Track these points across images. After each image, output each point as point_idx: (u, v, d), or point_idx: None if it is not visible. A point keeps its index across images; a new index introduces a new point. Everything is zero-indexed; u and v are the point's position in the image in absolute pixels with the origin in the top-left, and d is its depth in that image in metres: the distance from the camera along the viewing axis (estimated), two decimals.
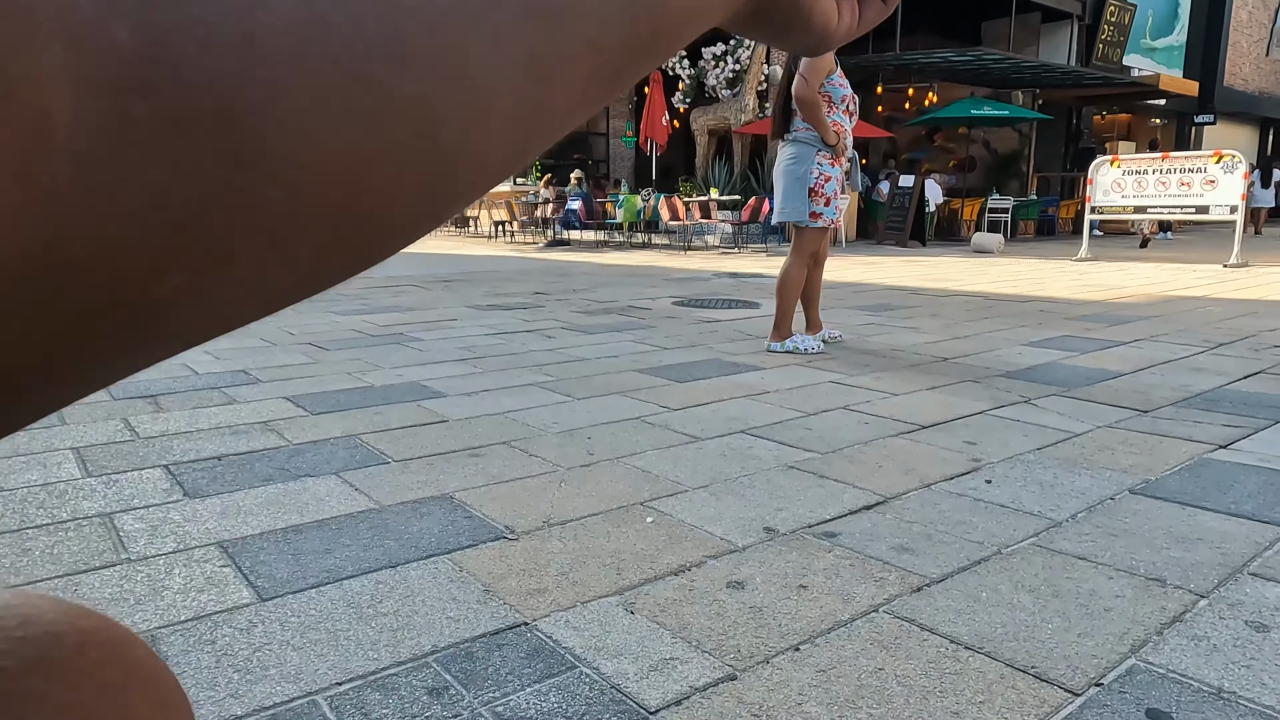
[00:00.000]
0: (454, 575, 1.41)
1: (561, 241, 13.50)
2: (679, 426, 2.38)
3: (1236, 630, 1.22)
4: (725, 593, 1.35)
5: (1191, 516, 1.68)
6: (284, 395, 2.74)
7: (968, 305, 5.32)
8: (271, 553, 1.49)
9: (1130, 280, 7.10)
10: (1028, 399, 2.71)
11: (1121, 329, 4.25)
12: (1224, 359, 3.40)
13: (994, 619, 1.26)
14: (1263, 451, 2.12)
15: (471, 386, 2.90)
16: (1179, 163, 8.74)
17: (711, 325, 4.44)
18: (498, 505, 1.74)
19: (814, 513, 1.70)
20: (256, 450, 2.12)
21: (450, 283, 6.95)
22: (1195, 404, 2.64)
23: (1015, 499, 1.78)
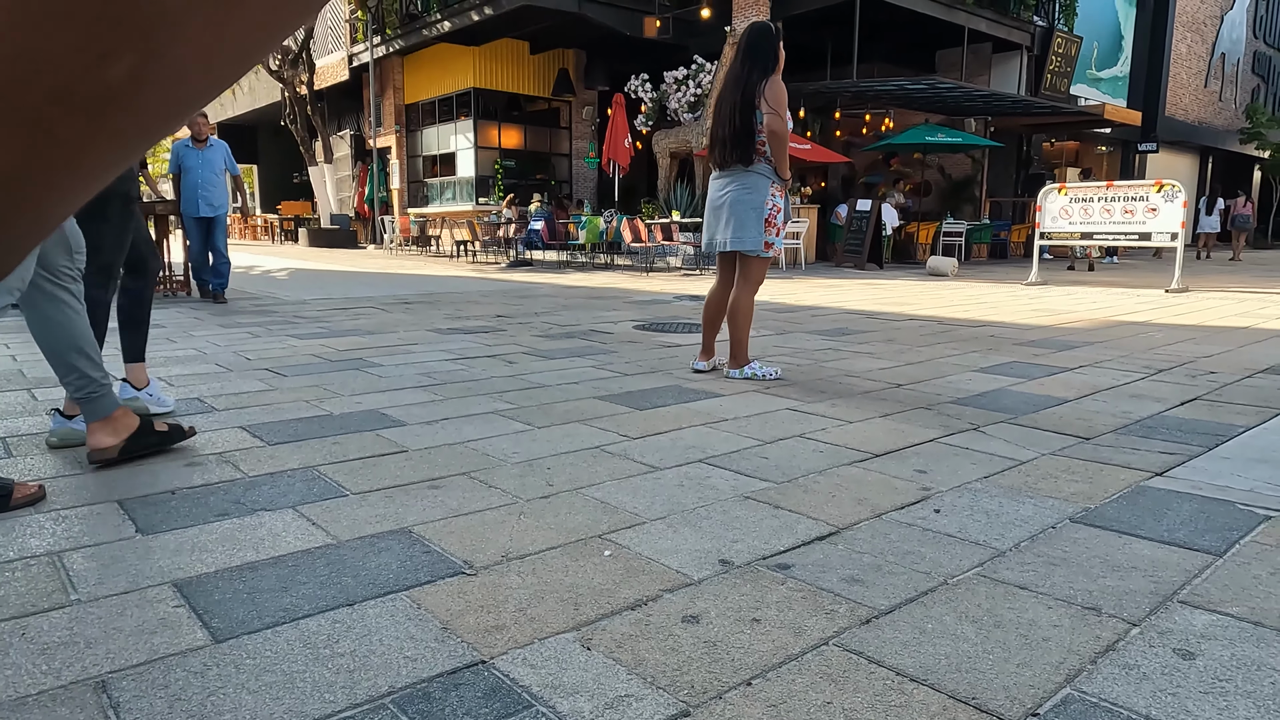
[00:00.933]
0: (412, 613, 1.41)
1: (524, 262, 13.49)
2: (638, 456, 2.40)
3: (1165, 658, 1.28)
4: (680, 627, 1.38)
5: (1127, 545, 1.75)
6: (240, 425, 2.72)
7: (922, 330, 5.45)
8: (227, 592, 1.48)
9: (1077, 305, 7.32)
10: (977, 426, 2.80)
11: (1068, 354, 4.39)
12: (1163, 385, 3.53)
13: (939, 650, 1.31)
14: (1195, 479, 2.21)
15: (432, 414, 2.90)
16: (1123, 191, 9.07)
17: (672, 350, 4.49)
18: (457, 539, 1.75)
19: (768, 544, 1.74)
20: (212, 484, 2.10)
21: (411, 304, 6.91)
22: (1135, 431, 2.75)
23: (962, 528, 1.84)
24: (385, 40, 18.03)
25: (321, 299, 7.42)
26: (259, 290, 8.27)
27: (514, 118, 18.50)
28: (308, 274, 10.90)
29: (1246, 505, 2.00)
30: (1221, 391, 3.39)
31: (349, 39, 19.87)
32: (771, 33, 3.56)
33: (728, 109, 3.52)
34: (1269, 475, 2.24)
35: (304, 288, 8.70)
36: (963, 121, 16.67)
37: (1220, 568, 1.63)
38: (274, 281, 9.60)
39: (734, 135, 3.51)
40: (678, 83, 13.99)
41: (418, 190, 20.04)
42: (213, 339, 4.76)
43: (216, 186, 6.99)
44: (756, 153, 3.52)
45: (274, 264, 12.87)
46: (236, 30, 0.14)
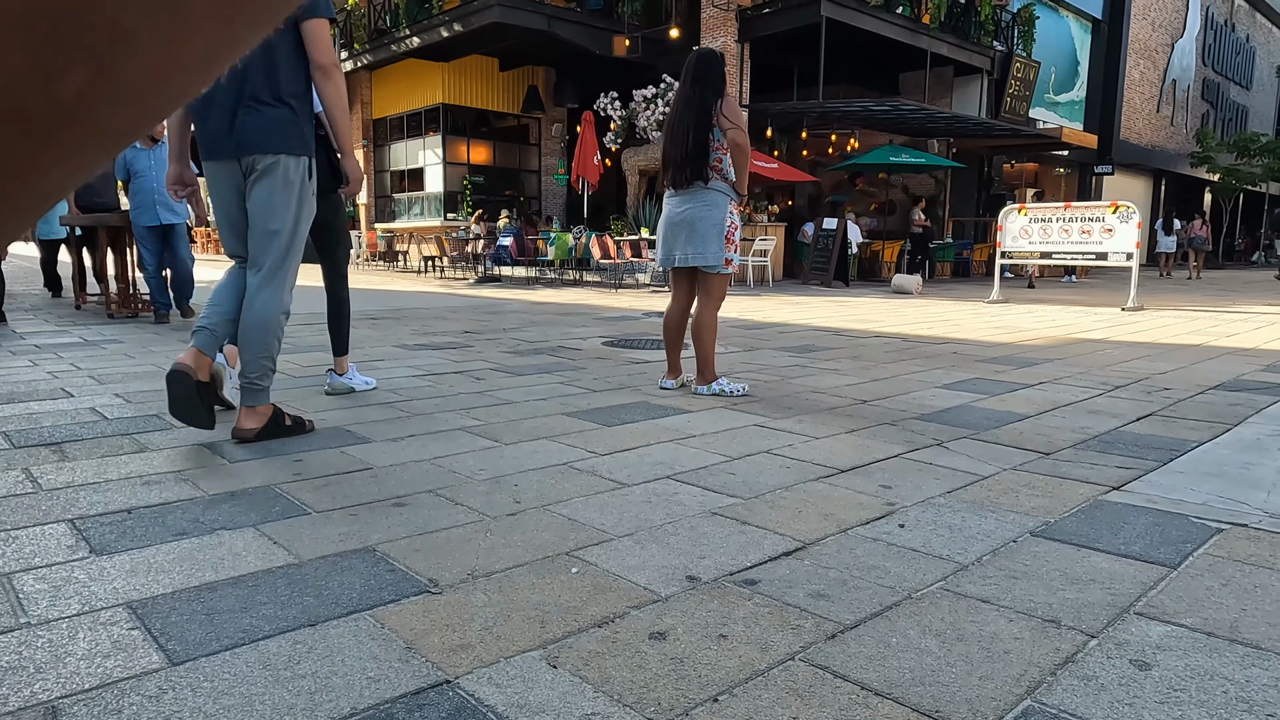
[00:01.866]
0: (375, 632, 1.39)
1: (492, 278, 13.45)
2: (606, 472, 2.40)
3: (1122, 669, 1.30)
4: (647, 644, 1.37)
5: (1086, 558, 1.78)
6: (200, 441, 2.66)
7: (887, 347, 5.52)
8: (184, 613, 1.45)
9: (1038, 323, 7.47)
10: (940, 442, 2.84)
11: (1028, 371, 4.47)
12: (1119, 401, 3.62)
13: (903, 664, 1.32)
14: (1151, 493, 2.26)
15: (398, 431, 2.87)
16: (1080, 212, 9.30)
17: (640, 366, 4.50)
18: (422, 558, 1.73)
19: (735, 560, 1.75)
20: (170, 502, 2.05)
21: (378, 320, 6.85)
22: (1093, 446, 2.81)
23: (926, 543, 1.86)
24: (353, 55, 17.95)
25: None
26: None
27: (483, 134, 18.50)
28: None
29: (1199, 518, 2.05)
30: (1176, 407, 3.48)
31: None
32: (718, 58, 3.63)
33: (682, 130, 3.56)
34: (1221, 489, 2.30)
35: None
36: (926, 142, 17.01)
37: (1175, 580, 1.66)
38: None
39: (689, 155, 3.54)
40: (646, 101, 14.10)
41: (385, 205, 19.91)
42: (173, 355, 4.67)
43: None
44: (713, 171, 3.56)
45: None
46: (192, 46, 0.14)
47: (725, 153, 3.56)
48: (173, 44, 0.13)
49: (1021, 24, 17.37)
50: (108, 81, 0.13)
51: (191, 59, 0.14)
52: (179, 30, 0.13)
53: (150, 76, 0.14)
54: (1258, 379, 4.24)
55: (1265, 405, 3.52)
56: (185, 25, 0.13)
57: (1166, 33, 24.17)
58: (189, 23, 0.13)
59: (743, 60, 13.89)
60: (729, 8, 13.70)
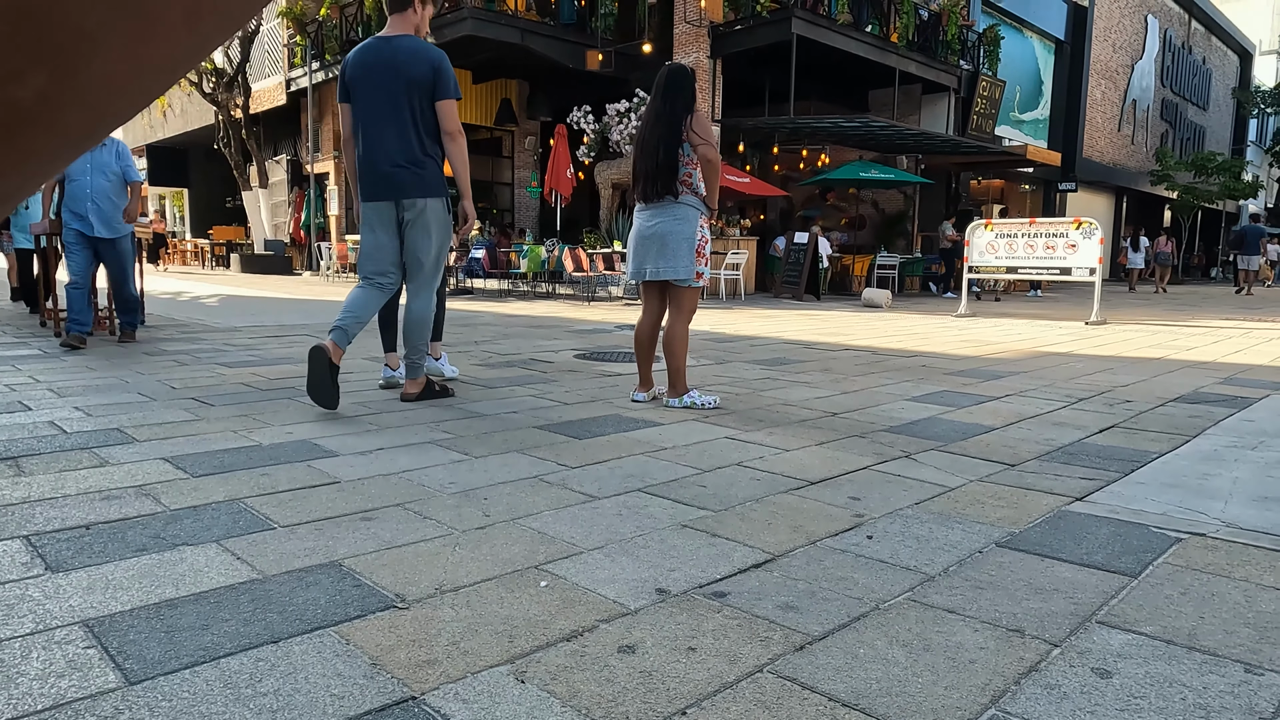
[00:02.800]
0: (340, 649, 1.37)
1: (465, 290, 13.39)
2: (576, 485, 2.39)
3: (1084, 677, 1.32)
4: (616, 657, 1.37)
5: (1050, 568, 1.81)
6: (162, 456, 2.62)
7: (857, 360, 5.58)
8: (142, 630, 1.42)
9: (1004, 336, 7.59)
10: (909, 454, 2.87)
11: (995, 384, 4.54)
12: (1083, 413, 3.68)
13: (870, 675, 1.33)
14: (1113, 503, 2.30)
15: (366, 445, 2.84)
16: (1044, 228, 9.49)
17: (612, 379, 4.50)
18: (389, 572, 1.71)
19: (705, 572, 1.75)
20: (129, 517, 2.01)
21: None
22: (1057, 457, 2.85)
23: (894, 554, 1.88)
24: (325, 66, 17.84)
25: (253, 326, 7.22)
26: (187, 317, 8.01)
27: None
28: (239, 300, 10.61)
29: (1160, 528, 2.09)
30: (1137, 419, 3.55)
31: (287, 64, 19.59)
32: (688, 73, 3.66)
33: (652, 144, 3.58)
34: (1180, 499, 2.35)
35: (235, 315, 8.46)
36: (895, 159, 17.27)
37: (1135, 588, 1.69)
38: (203, 308, 9.32)
39: (659, 169, 3.56)
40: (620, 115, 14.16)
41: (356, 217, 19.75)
42: (136, 367, 4.59)
43: (111, 197, 5.35)
44: (683, 185, 3.58)
45: (203, 290, 12.50)
46: (157, 49, 0.14)
47: (695, 167, 3.58)
48: (137, 47, 0.13)
49: (987, 44, 17.73)
50: (68, 84, 0.13)
51: (156, 61, 0.14)
52: (143, 33, 0.13)
53: (113, 79, 0.13)
54: (1216, 392, 4.34)
55: (1223, 417, 3.61)
56: (149, 29, 0.13)
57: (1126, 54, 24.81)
58: (153, 26, 0.13)
59: (715, 76, 14.02)
60: (701, 24, 13.83)
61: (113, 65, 0.13)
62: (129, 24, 0.13)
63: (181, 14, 0.13)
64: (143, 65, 0.14)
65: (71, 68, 0.12)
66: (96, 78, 0.13)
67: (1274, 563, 1.86)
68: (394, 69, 3.42)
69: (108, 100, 0.14)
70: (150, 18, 0.13)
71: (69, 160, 0.15)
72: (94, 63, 0.12)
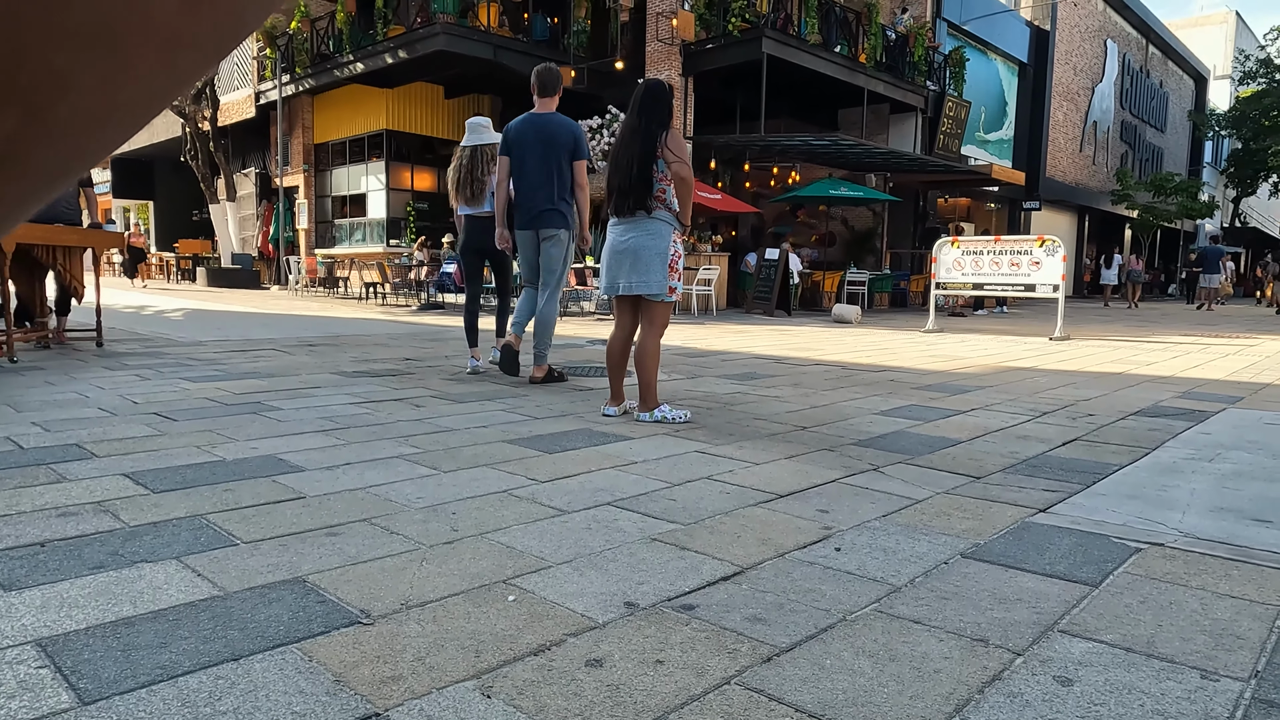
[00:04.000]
0: (302, 666, 1.35)
1: (436, 305, 13.30)
2: (546, 499, 2.38)
3: (1046, 685, 1.34)
4: (584, 671, 1.36)
5: (1013, 578, 1.83)
6: (122, 472, 2.56)
7: (827, 374, 5.63)
8: (98, 649, 1.38)
9: (971, 351, 7.70)
10: (877, 467, 2.89)
11: (961, 398, 4.60)
12: (1047, 427, 3.74)
13: (837, 685, 1.33)
14: (1075, 514, 2.34)
15: (333, 460, 2.81)
16: (1009, 245, 9.67)
17: (583, 393, 4.49)
18: (354, 588, 1.69)
19: (674, 585, 1.75)
20: (87, 534, 1.97)
21: (315, 347, 6.70)
22: (1021, 470, 2.89)
23: (861, 566, 1.89)
24: (295, 79, 17.72)
25: (218, 340, 7.11)
26: (150, 331, 7.87)
27: (427, 160, 18.38)
28: (205, 314, 10.45)
29: (1120, 538, 2.13)
30: (1099, 432, 3.62)
31: (256, 76, 19.44)
32: (665, 89, 3.69)
33: (626, 159, 3.60)
34: (1140, 510, 2.40)
35: (200, 329, 8.33)
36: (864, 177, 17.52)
37: (1096, 597, 1.72)
38: (167, 322, 9.16)
39: (633, 185, 3.59)
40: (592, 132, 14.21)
41: (326, 231, 19.59)
42: (97, 382, 4.50)
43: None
44: (657, 200, 3.60)
45: (168, 304, 12.29)
46: (131, 88, 0.13)
47: (669, 183, 3.61)
48: (109, 85, 0.13)
49: (952, 65, 18.10)
50: (38, 124, 0.12)
51: (130, 99, 0.14)
52: (116, 71, 0.13)
53: (85, 119, 0.13)
54: (1175, 405, 4.44)
55: (1181, 430, 3.69)
56: (123, 66, 0.13)
57: (1087, 77, 25.45)
58: (127, 63, 0.13)
59: (687, 93, 14.14)
60: (673, 42, 13.96)
61: (84, 104, 0.12)
62: (101, 61, 0.12)
63: (156, 50, 0.13)
64: (116, 103, 0.13)
65: (41, 108, 0.12)
66: (67, 118, 0.12)
67: (1229, 571, 1.90)
68: (546, 137, 4.65)
69: (80, 140, 0.13)
70: (124, 54, 0.12)
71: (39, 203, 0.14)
72: (64, 102, 0.12)
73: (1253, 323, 14.08)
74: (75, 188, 6.07)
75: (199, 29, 0.14)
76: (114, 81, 0.13)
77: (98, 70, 0.12)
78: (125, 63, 0.13)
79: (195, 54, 0.14)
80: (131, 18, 0.12)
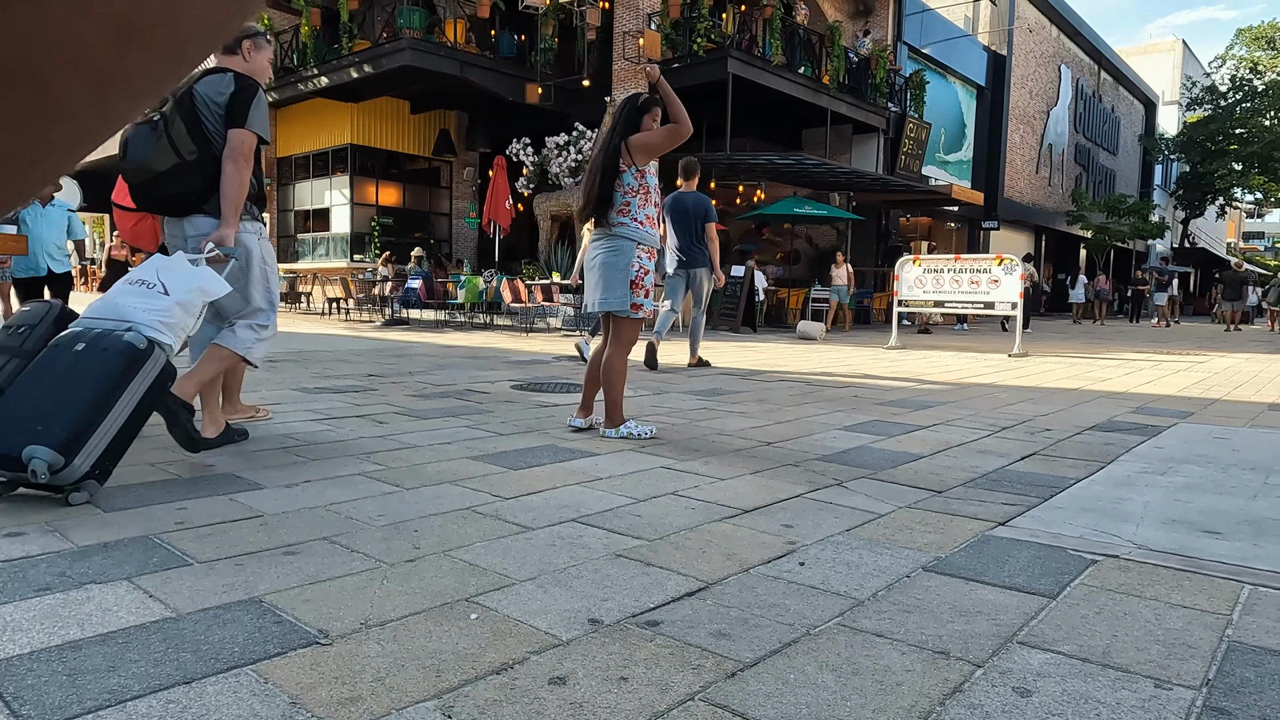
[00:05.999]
0: (257, 688, 1.32)
1: (400, 320, 13.18)
2: (510, 516, 2.36)
3: (1005, 697, 1.35)
4: (546, 689, 1.35)
5: (973, 590, 1.85)
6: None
7: (791, 390, 5.67)
8: (42, 674, 1.34)
9: (932, 367, 7.82)
10: (840, 481, 2.92)
11: (923, 414, 4.67)
12: (1006, 441, 3.81)
13: (800, 700, 1.33)
14: (1033, 527, 2.38)
15: (292, 477, 2.76)
16: (969, 263, 9.85)
17: (549, 410, 4.47)
18: (312, 608, 1.65)
19: (638, 601, 1.74)
20: (33, 555, 1.90)
21: (276, 363, 6.59)
22: (981, 484, 2.94)
23: (825, 580, 1.90)
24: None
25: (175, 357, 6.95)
26: None
27: (393, 175, 18.27)
28: None
29: (1076, 550, 2.16)
30: (1056, 447, 3.69)
31: None
32: (637, 104, 3.72)
33: (591, 171, 3.65)
34: (1095, 523, 2.44)
35: None
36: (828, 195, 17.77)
37: (1054, 609, 1.75)
38: None
39: (593, 198, 3.62)
40: (559, 148, 14.26)
41: (288, 245, 19.33)
42: None
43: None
44: (618, 213, 3.61)
45: None
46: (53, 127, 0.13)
47: (634, 195, 3.62)
48: (33, 124, 0.12)
49: (913, 88, 18.48)
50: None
51: (56, 140, 0.13)
52: (42, 111, 0.12)
53: (13, 159, 0.12)
54: (1129, 420, 4.55)
55: (1135, 444, 3.77)
56: (49, 105, 0.12)
57: (1042, 101, 26.15)
58: (53, 103, 0.12)
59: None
60: (640, 61, 14.08)
61: (9, 145, 0.12)
62: (26, 100, 0.12)
63: (86, 88, 0.12)
64: (41, 144, 0.13)
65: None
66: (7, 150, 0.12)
67: (1181, 582, 1.94)
68: (691, 207, 7.05)
69: (6, 180, 0.13)
70: (49, 94, 0.12)
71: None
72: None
73: (1203, 340, 14.50)
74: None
75: (133, 68, 0.13)
76: (38, 121, 0.12)
77: (20, 109, 0.12)
78: (51, 102, 0.12)
79: (130, 92, 0.14)
80: (58, 56, 0.11)
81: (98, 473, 2.36)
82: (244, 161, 3.11)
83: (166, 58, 0.14)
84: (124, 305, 2.67)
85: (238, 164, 3.09)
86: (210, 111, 3.10)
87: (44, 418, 2.28)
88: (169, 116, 3.05)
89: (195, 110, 3.08)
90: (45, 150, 0.13)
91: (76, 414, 2.30)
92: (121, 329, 2.57)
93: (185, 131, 3.05)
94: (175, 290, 2.75)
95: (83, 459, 2.29)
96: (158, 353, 2.59)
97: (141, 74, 0.14)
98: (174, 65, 0.15)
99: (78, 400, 2.33)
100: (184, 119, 3.06)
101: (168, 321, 2.69)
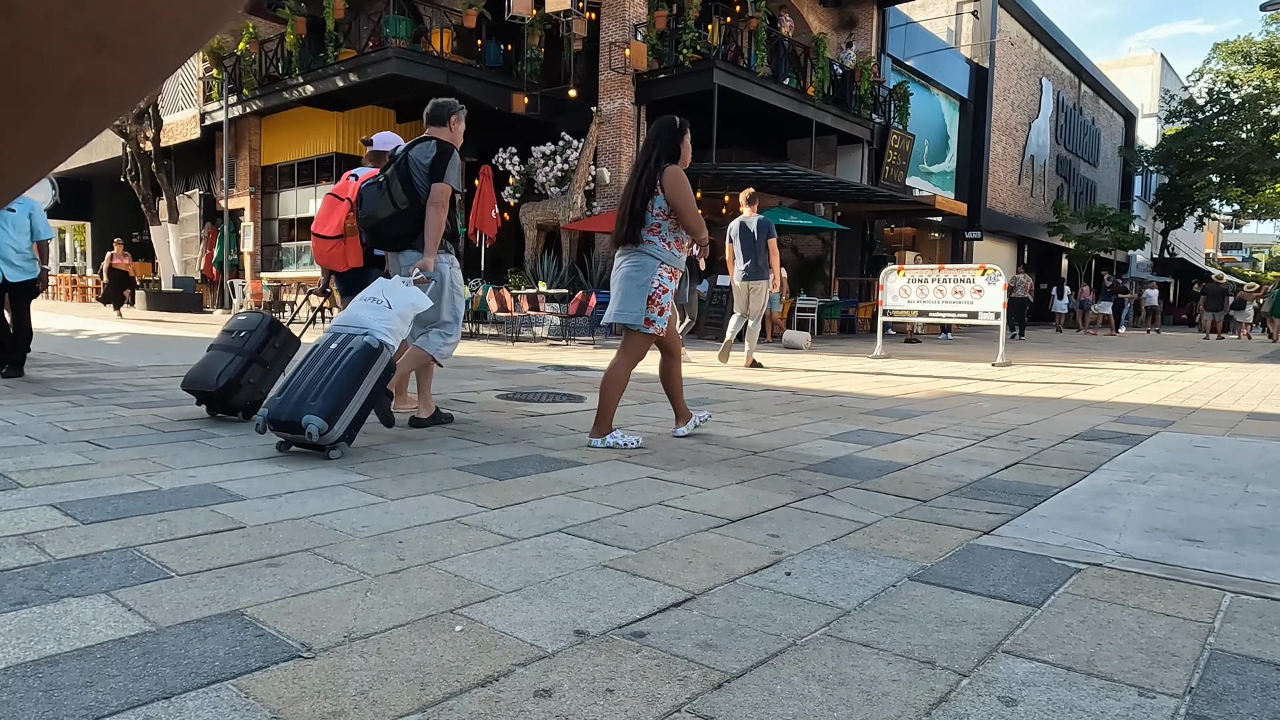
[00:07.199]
0: (239, 703, 1.30)
1: None
2: (496, 527, 2.35)
3: (990, 706, 1.36)
4: (532, 702, 1.34)
5: (959, 600, 1.86)
6: (50, 502, 2.45)
7: (777, 399, 5.68)
8: (18, 690, 1.31)
9: (917, 377, 7.86)
10: (826, 491, 2.92)
11: (908, 423, 4.69)
12: (990, 450, 3.83)
13: (786, 710, 1.33)
14: (1017, 536, 2.39)
15: (275, 488, 2.73)
16: (953, 273, 9.92)
17: (535, 420, 4.46)
18: (295, 620, 1.63)
19: (624, 612, 1.73)
20: (9, 568, 1.87)
21: None
22: (966, 493, 2.95)
23: (811, 590, 1.90)
24: (242, 100, 17.44)
25: (157, 365, 6.89)
26: (85, 356, 7.59)
27: None
28: (144, 339, 10.13)
29: (1060, 559, 2.18)
30: (1039, 456, 3.71)
31: (202, 97, 19.09)
32: (675, 126, 3.79)
33: (627, 192, 3.73)
34: (1079, 531, 2.46)
35: (138, 354, 8.06)
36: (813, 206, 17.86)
37: (1039, 618, 1.76)
38: (103, 347, 8.85)
39: (628, 217, 3.70)
40: (545, 158, 14.27)
41: (273, 254, 19.22)
42: (25, 408, 4.32)
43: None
44: (649, 231, 3.67)
45: (104, 328, 11.89)
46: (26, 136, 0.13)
47: (665, 218, 3.67)
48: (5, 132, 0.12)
49: (897, 99, 18.64)
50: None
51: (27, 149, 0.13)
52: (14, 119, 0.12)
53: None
54: (1111, 429, 4.59)
55: (1117, 453, 3.81)
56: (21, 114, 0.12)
57: (1024, 113, 26.44)
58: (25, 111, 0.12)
59: (640, 122, 14.30)
60: (626, 71, 14.13)
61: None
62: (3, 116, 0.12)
63: (59, 98, 0.12)
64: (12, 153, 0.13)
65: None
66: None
67: (1163, 590, 1.95)
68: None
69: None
70: (22, 102, 0.12)
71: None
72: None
73: (1184, 350, 14.66)
74: None
75: (106, 77, 0.13)
76: (10, 128, 0.12)
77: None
78: (23, 110, 0.12)
79: (103, 101, 0.14)
80: (31, 66, 0.11)
81: (349, 437, 3.24)
82: (441, 207, 3.90)
83: (139, 67, 0.14)
84: (363, 316, 3.45)
85: (438, 209, 3.88)
86: (418, 171, 3.92)
87: (314, 396, 3.14)
88: (390, 178, 3.92)
89: (409, 171, 3.91)
90: (15, 160, 0.13)
91: (338, 393, 3.14)
92: (361, 333, 3.39)
93: (400, 188, 3.90)
94: (396, 305, 3.52)
95: (340, 426, 3.15)
96: (385, 351, 3.39)
97: (114, 83, 0.14)
98: (147, 74, 0.15)
99: (336, 384, 3.17)
100: (400, 178, 3.91)
101: (392, 328, 3.45)
